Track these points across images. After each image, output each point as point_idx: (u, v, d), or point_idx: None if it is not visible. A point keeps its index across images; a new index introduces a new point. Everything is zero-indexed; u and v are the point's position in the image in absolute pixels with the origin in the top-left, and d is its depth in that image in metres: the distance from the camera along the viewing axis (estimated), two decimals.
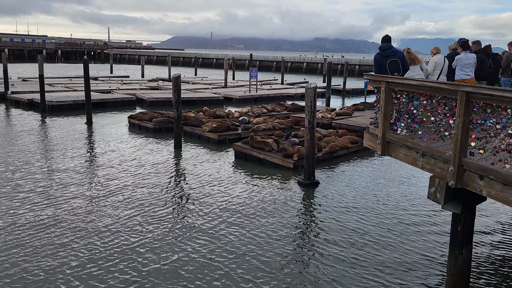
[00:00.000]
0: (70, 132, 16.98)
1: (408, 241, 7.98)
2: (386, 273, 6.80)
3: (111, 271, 6.62)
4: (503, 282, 6.66)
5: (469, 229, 5.80)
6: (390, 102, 6.61)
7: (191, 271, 6.69)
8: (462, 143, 5.08)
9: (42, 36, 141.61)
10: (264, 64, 69.97)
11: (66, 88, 29.43)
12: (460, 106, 5.02)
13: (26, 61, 76.01)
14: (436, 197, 5.55)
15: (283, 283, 6.45)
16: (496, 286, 6.56)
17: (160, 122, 17.34)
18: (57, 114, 20.96)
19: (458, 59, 9.30)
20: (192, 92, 29.05)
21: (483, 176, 4.94)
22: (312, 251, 7.51)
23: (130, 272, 6.62)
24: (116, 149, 14.30)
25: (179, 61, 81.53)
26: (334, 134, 15.53)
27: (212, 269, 6.77)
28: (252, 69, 29.37)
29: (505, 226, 8.87)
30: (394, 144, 6.67)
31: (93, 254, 7.10)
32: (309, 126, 10.95)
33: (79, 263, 6.80)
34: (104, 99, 24.26)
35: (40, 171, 11.56)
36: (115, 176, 11.32)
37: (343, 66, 42.70)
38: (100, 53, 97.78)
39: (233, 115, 18.97)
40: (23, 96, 24.37)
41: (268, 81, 40.98)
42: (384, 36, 8.22)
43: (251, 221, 8.63)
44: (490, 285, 6.58)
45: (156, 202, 9.54)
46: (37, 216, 8.55)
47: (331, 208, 9.52)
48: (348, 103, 27.95)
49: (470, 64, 9.21)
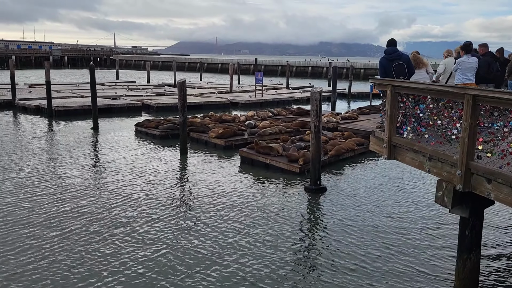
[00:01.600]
0: (76, 137, 17.06)
1: (416, 245, 7.92)
2: (394, 278, 6.75)
3: (115, 276, 6.63)
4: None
5: (477, 233, 5.75)
6: (396, 106, 6.59)
7: (197, 277, 6.68)
8: (469, 146, 5.05)
9: (48, 42, 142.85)
10: (269, 68, 70.12)
11: (73, 94, 29.62)
12: (467, 109, 4.99)
13: (33, 68, 76.63)
14: (443, 201, 5.52)
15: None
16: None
17: (166, 129, 17.37)
18: (63, 120, 21.09)
19: (460, 62, 8.93)
20: (198, 97, 29.15)
21: (491, 180, 4.91)
22: (319, 257, 7.48)
23: (136, 275, 6.62)
24: (122, 155, 14.35)
25: (185, 66, 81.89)
26: (340, 137, 15.51)
27: (219, 275, 6.75)
28: (257, 73, 29.41)
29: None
30: (400, 148, 6.64)
31: (97, 259, 7.11)
32: (315, 130, 10.93)
33: (84, 268, 6.81)
34: (110, 105, 24.38)
35: (47, 177, 11.60)
36: (120, 181, 11.35)
37: (349, 70, 42.66)
38: (106, 59, 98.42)
39: (239, 119, 18.99)
40: (30, 102, 24.57)
41: (273, 86, 41.03)
42: (389, 39, 8.20)
43: (257, 227, 8.61)
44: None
45: (160, 208, 9.54)
46: (44, 220, 8.58)
47: (337, 213, 9.48)
48: (354, 106, 27.90)
49: (472, 68, 8.81)
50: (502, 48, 10.59)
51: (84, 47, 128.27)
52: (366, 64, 66.43)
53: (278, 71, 68.48)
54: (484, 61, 9.39)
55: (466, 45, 9.04)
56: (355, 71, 55.26)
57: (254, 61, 58.26)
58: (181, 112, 14.51)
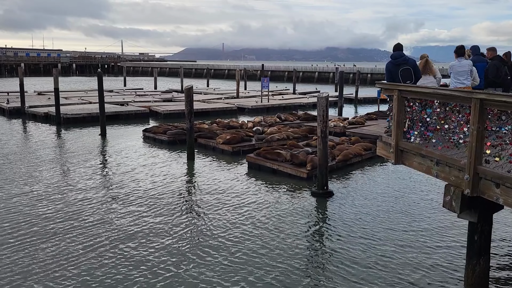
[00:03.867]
0: (85, 144, 17.20)
1: (424, 251, 7.87)
2: (401, 284, 6.70)
3: (122, 281, 6.65)
4: None
5: (486, 238, 5.71)
6: (403, 111, 6.58)
7: (204, 282, 6.69)
8: (477, 150, 5.03)
9: (57, 50, 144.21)
10: (276, 74, 70.26)
11: (81, 100, 29.89)
12: (474, 114, 4.98)
13: (42, 75, 77.42)
14: (451, 206, 5.49)
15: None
16: None
17: (174, 135, 17.45)
18: (72, 127, 21.27)
19: (452, 66, 8.73)
20: (205, 103, 29.28)
21: (499, 184, 4.88)
22: (326, 262, 7.45)
23: (143, 281, 6.64)
24: (130, 160, 14.43)
25: (191, 72, 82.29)
26: (347, 142, 15.49)
27: (226, 280, 6.75)
28: (264, 79, 29.49)
29: None
30: (407, 153, 6.62)
31: (105, 265, 7.14)
32: (322, 135, 10.93)
33: (93, 272, 6.85)
34: (118, 111, 24.55)
35: (56, 183, 11.70)
36: (128, 186, 11.41)
37: (355, 75, 42.64)
38: (114, 66, 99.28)
39: (246, 125, 19.02)
40: (39, 109, 24.82)
41: (280, 91, 41.08)
42: (395, 44, 8.21)
43: (264, 233, 8.60)
44: None
45: (168, 214, 9.58)
46: (53, 226, 8.65)
47: (345, 218, 9.45)
48: (361, 111, 27.85)
49: (464, 71, 8.64)
50: (509, 52, 10.53)
51: (92, 54, 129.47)
52: (373, 69, 66.33)
53: (284, 77, 68.59)
54: (493, 65, 9.33)
55: (458, 49, 8.86)
56: (362, 76, 55.23)
57: (261, 67, 58.48)
58: (188, 118, 14.58)
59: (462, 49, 8.89)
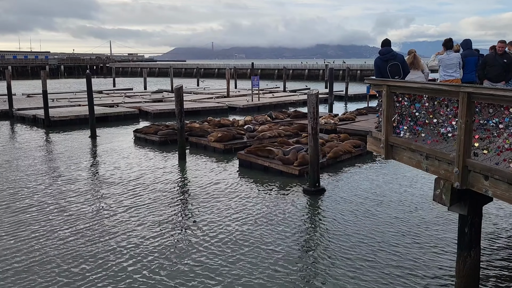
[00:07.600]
0: (74, 146, 17.07)
1: (415, 244, 7.93)
2: (394, 278, 6.75)
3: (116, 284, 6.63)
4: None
5: (477, 231, 5.76)
6: (392, 106, 6.61)
7: (196, 280, 6.68)
8: (466, 144, 5.07)
9: (45, 52, 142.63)
10: (266, 72, 70.21)
11: (70, 103, 29.63)
12: (462, 107, 5.02)
13: (29, 78, 76.64)
14: (442, 199, 5.53)
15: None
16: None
17: (165, 135, 17.36)
18: (61, 129, 21.08)
19: (440, 60, 8.83)
20: (196, 103, 29.18)
21: (488, 177, 4.92)
22: (318, 259, 7.48)
23: (136, 281, 6.62)
24: (120, 161, 14.35)
25: (181, 72, 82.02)
26: (337, 139, 15.53)
27: (218, 278, 6.75)
28: (254, 77, 29.44)
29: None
30: (397, 148, 6.66)
31: (99, 266, 7.11)
32: (312, 132, 10.95)
33: (88, 274, 6.81)
34: (107, 113, 24.33)
35: (45, 186, 11.60)
36: (120, 188, 11.35)
37: (345, 72, 42.76)
38: (103, 67, 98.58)
39: (238, 123, 18.99)
40: (28, 112, 24.57)
41: (270, 89, 41.08)
42: (383, 40, 8.24)
43: (256, 229, 8.61)
44: (500, 287, 6.52)
45: (159, 213, 9.54)
46: (44, 229, 8.58)
47: (336, 214, 9.49)
48: (351, 108, 27.93)
49: (453, 64, 8.76)
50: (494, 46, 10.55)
51: (80, 55, 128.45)
52: (362, 65, 66.58)
53: (274, 75, 68.58)
54: None
55: (446, 42, 8.97)
56: (351, 73, 55.40)
57: (251, 65, 58.43)
58: (179, 118, 14.53)
59: (450, 42, 8.97)
